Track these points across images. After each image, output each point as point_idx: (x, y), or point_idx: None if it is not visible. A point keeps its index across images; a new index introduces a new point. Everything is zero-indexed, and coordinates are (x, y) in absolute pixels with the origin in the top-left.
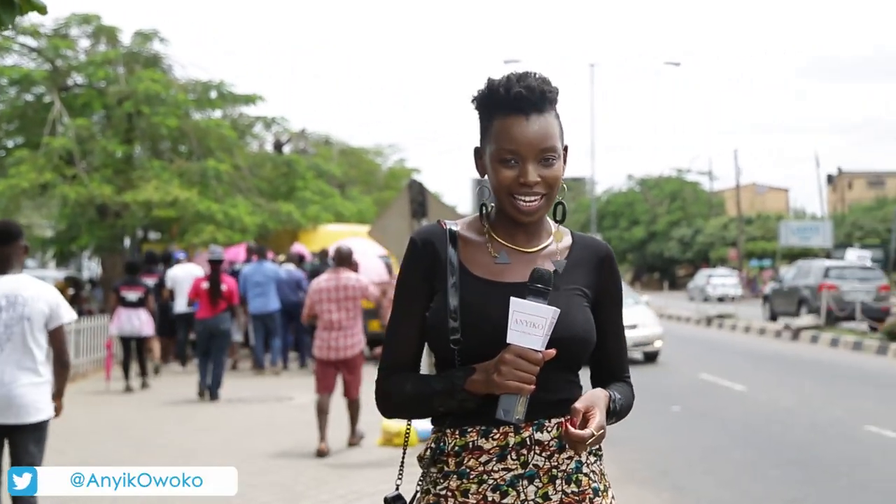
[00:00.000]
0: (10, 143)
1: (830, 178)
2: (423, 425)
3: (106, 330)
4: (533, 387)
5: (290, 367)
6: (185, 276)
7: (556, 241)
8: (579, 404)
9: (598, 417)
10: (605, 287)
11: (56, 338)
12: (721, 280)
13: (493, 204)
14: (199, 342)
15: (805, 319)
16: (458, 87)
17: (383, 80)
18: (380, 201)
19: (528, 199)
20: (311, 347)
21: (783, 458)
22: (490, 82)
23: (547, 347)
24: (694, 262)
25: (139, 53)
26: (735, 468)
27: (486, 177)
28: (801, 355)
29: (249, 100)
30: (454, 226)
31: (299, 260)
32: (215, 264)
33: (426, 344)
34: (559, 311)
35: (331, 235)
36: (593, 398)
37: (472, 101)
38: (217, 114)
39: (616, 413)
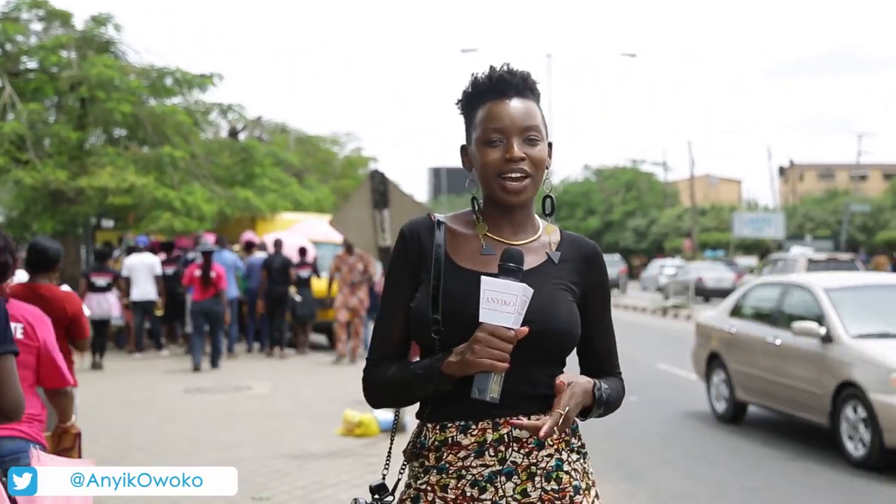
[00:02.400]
0: None
1: (782, 170)
2: (384, 415)
3: None
4: (507, 364)
5: (246, 355)
6: (140, 264)
7: (548, 233)
8: (557, 383)
9: (564, 399)
10: (593, 284)
11: None
12: (715, 274)
13: (481, 200)
14: (194, 323)
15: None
16: (414, 76)
17: (340, 68)
18: (337, 190)
19: (514, 176)
20: (269, 332)
21: (736, 446)
22: (473, 77)
23: (530, 340)
24: (649, 253)
25: (92, 38)
26: (693, 457)
27: (472, 171)
28: None
29: (205, 81)
30: (442, 218)
31: (248, 247)
32: (206, 255)
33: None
34: (532, 289)
35: (288, 223)
36: (571, 379)
37: (457, 102)
38: (173, 100)
39: (605, 403)
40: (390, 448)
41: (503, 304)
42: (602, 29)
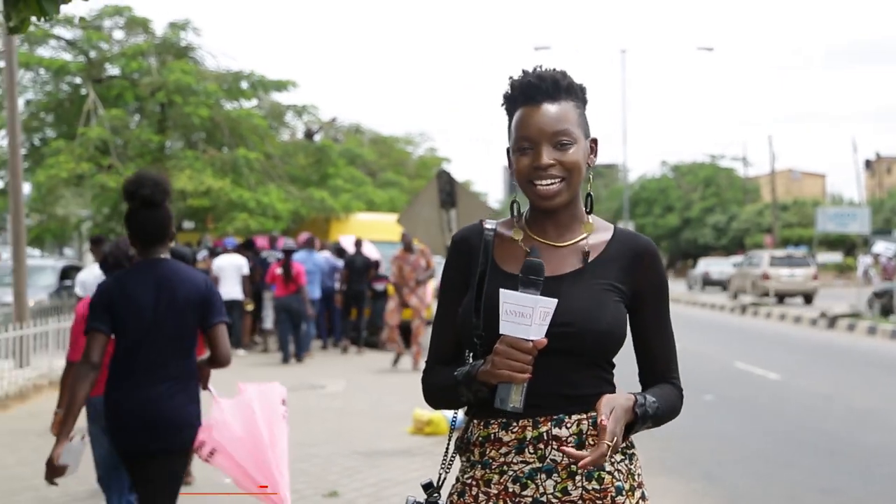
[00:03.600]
0: (48, 133)
1: (868, 163)
2: (454, 414)
3: None
4: (527, 375)
5: (321, 353)
6: (229, 265)
7: (587, 231)
8: (599, 404)
9: (610, 428)
10: (645, 283)
11: None
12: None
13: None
14: (277, 317)
15: (841, 307)
16: (488, 76)
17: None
18: (410, 190)
19: (544, 182)
20: (345, 329)
21: (818, 447)
22: (510, 81)
23: (570, 343)
24: (728, 249)
25: (172, 44)
26: (768, 457)
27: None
28: (838, 343)
29: (281, 86)
30: (492, 224)
31: (339, 251)
32: (287, 253)
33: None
34: (555, 301)
35: (363, 225)
36: (610, 404)
37: (502, 105)
38: (249, 103)
39: (651, 417)
40: (448, 445)
41: (521, 316)
42: (678, 23)
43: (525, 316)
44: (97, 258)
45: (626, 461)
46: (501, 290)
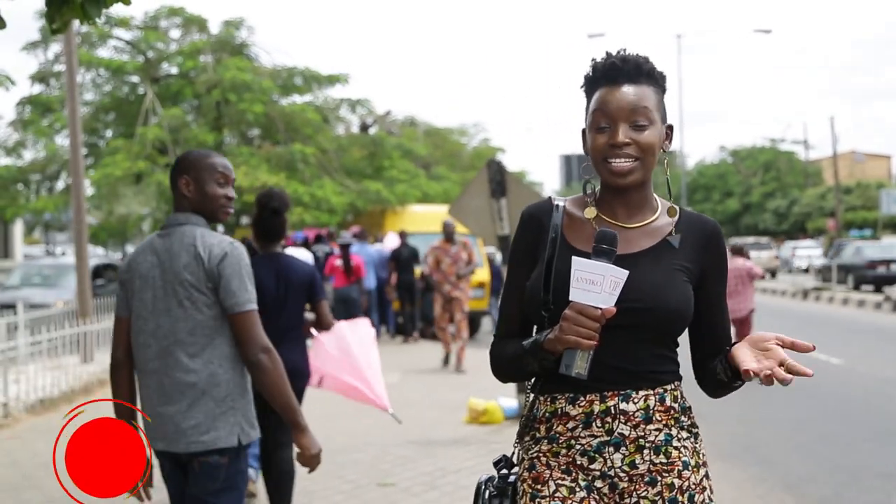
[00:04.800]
0: (108, 133)
1: None
2: (509, 403)
3: None
4: (594, 343)
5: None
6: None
7: (659, 216)
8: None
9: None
10: (711, 263)
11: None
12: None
13: (597, 183)
14: (336, 308)
15: None
16: (542, 64)
17: (467, 59)
18: (465, 181)
19: (619, 160)
20: (396, 318)
21: (880, 431)
22: (592, 62)
23: (638, 318)
24: (790, 234)
25: (227, 42)
26: (828, 442)
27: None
28: None
29: (335, 80)
30: (561, 201)
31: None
32: (345, 247)
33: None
34: (626, 272)
35: (417, 216)
36: (762, 338)
37: (581, 87)
38: (303, 98)
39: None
40: (520, 427)
41: (591, 283)
42: (734, 6)
43: (595, 283)
44: None
45: (692, 439)
46: (574, 258)
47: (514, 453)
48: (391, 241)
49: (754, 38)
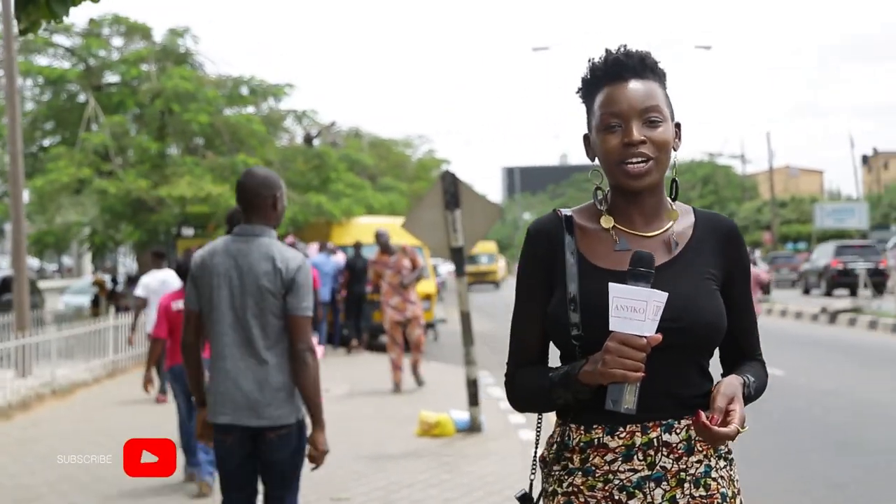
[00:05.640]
0: (46, 143)
1: (865, 159)
2: (460, 416)
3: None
4: (641, 374)
5: (323, 357)
6: None
7: (672, 219)
8: (720, 401)
9: (739, 412)
10: (734, 264)
11: None
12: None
13: (607, 189)
14: None
15: (843, 302)
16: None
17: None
18: (410, 193)
19: (635, 160)
20: (341, 329)
21: (824, 442)
22: (590, 62)
23: (676, 338)
24: None
25: (171, 50)
26: (772, 454)
27: (595, 160)
28: (840, 338)
29: (279, 91)
30: (568, 212)
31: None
32: None
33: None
34: (665, 294)
35: (364, 228)
36: (732, 389)
37: (577, 91)
38: (248, 109)
39: (750, 398)
40: (535, 455)
41: (633, 311)
42: (676, 22)
43: (638, 311)
44: (155, 267)
45: (728, 467)
46: (611, 285)
47: (531, 485)
48: (312, 254)
49: (695, 53)
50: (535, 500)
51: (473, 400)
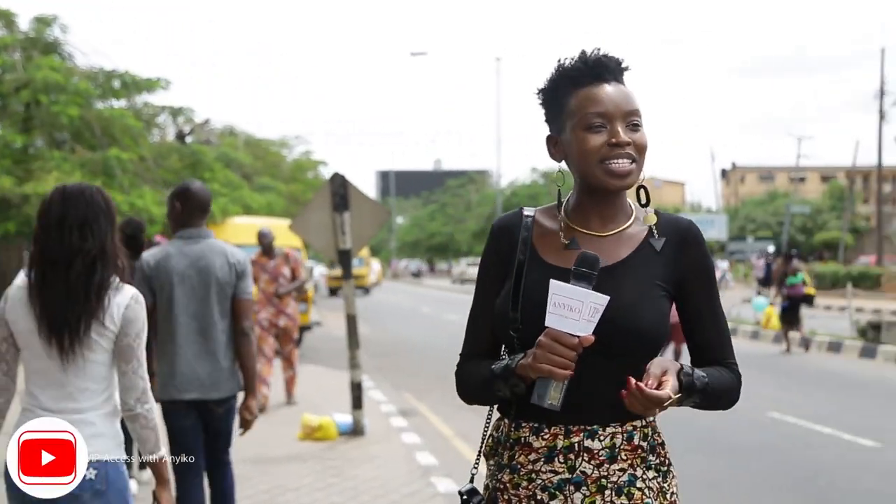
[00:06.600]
0: None
1: (724, 173)
2: (343, 419)
3: None
4: (569, 373)
5: None
6: None
7: (634, 221)
8: (655, 370)
9: (672, 382)
10: (692, 265)
11: None
12: None
13: (570, 192)
14: None
15: None
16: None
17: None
18: (287, 194)
19: (620, 161)
20: None
21: (690, 444)
22: (560, 63)
23: (608, 340)
24: None
25: (38, 39)
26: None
27: (562, 162)
28: None
29: (153, 85)
30: (531, 211)
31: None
32: None
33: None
34: (606, 297)
35: (241, 229)
36: (665, 364)
37: (539, 92)
38: (121, 103)
39: (699, 392)
40: (480, 449)
41: (570, 310)
42: (551, 33)
43: (574, 310)
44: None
45: (660, 479)
46: (552, 281)
47: (472, 478)
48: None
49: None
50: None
51: (357, 403)
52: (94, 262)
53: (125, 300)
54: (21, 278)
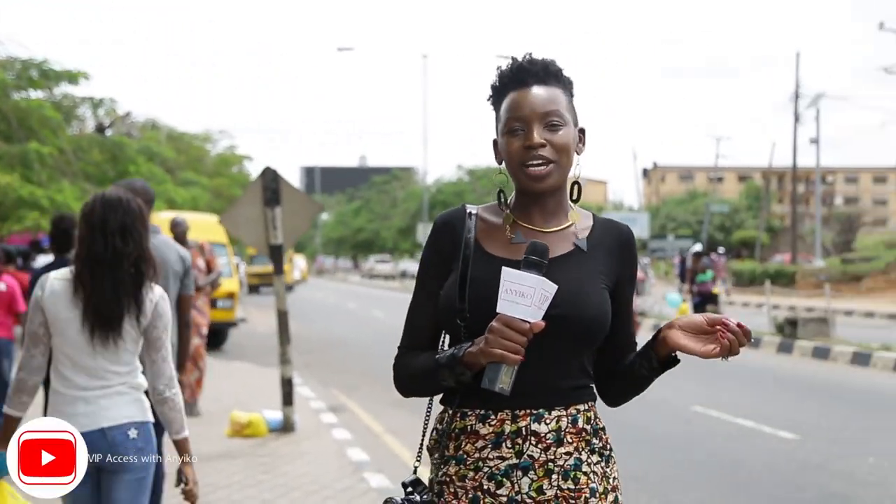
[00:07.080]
0: None
1: (646, 172)
2: (273, 415)
3: None
4: (519, 357)
5: None
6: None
7: (574, 221)
8: (710, 316)
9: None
10: (625, 269)
11: None
12: None
13: (511, 192)
14: None
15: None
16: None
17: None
18: (212, 188)
19: (536, 163)
20: None
21: (615, 436)
22: (498, 70)
23: (557, 328)
24: None
25: None
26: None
27: (503, 164)
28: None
29: (73, 77)
30: (474, 208)
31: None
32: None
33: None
34: (555, 286)
35: (164, 223)
36: (701, 315)
37: (488, 98)
38: (39, 94)
39: (670, 366)
40: (422, 440)
41: (521, 296)
42: (478, 31)
43: (526, 296)
44: None
45: (602, 463)
46: (504, 268)
47: (415, 470)
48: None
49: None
50: (424, 486)
51: (287, 399)
52: (137, 264)
53: (156, 297)
54: (61, 271)
